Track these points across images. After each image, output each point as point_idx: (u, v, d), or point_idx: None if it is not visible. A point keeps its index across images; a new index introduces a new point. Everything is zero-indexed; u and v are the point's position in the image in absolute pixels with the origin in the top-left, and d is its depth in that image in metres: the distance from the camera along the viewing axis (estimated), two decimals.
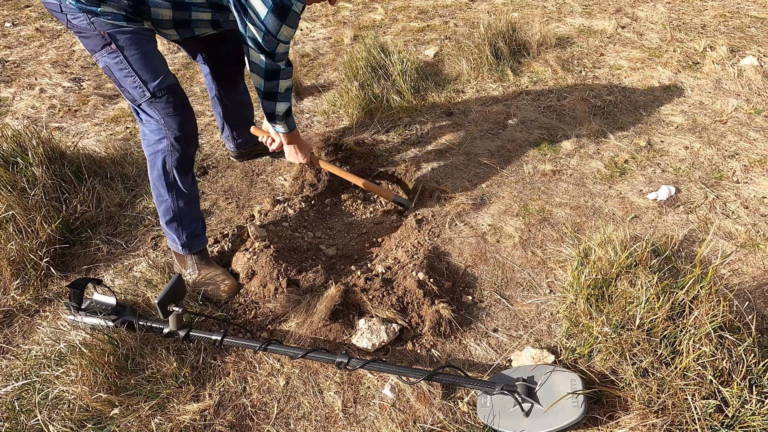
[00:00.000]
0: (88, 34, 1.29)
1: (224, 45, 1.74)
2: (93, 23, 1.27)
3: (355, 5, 3.75)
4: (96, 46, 1.31)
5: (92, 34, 1.29)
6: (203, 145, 2.30)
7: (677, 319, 1.23)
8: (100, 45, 1.31)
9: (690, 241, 1.69)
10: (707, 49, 2.84)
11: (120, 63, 1.32)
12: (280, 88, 1.48)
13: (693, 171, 2.01)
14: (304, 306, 1.47)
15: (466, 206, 1.88)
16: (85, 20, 1.26)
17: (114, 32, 1.29)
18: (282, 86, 1.48)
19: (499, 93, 2.58)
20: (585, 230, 1.76)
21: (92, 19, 1.26)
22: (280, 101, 1.52)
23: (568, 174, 2.03)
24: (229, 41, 1.72)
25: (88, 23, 1.27)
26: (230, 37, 1.70)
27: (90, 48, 1.33)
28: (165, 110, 1.39)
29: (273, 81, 1.45)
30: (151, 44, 1.38)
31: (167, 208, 1.52)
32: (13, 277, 1.59)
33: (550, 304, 1.52)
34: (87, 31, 1.29)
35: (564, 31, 3.17)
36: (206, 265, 1.58)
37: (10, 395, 1.27)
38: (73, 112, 2.60)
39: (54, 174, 1.84)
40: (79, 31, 1.30)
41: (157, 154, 1.45)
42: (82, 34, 1.31)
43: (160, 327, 1.37)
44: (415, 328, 1.44)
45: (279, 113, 1.56)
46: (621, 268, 1.37)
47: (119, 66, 1.33)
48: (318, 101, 2.60)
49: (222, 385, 1.33)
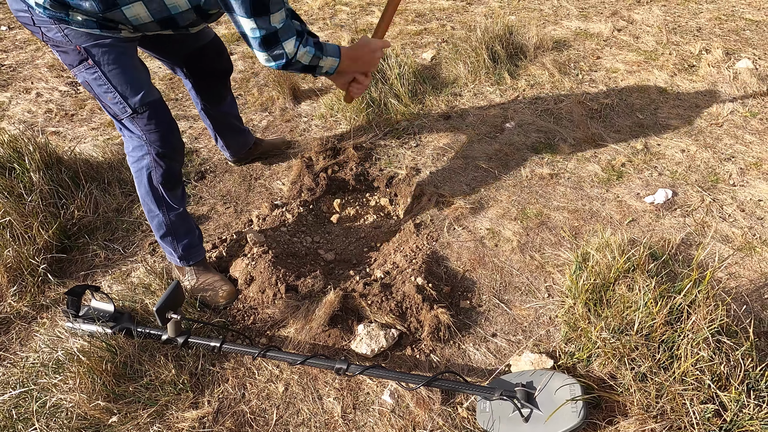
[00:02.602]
0: (65, 48, 1.23)
1: (203, 59, 1.65)
2: (67, 35, 1.20)
3: (353, 8, 3.75)
4: (73, 61, 1.25)
5: (69, 49, 1.22)
6: (201, 150, 2.29)
7: (675, 324, 1.24)
8: (77, 60, 1.24)
9: (687, 245, 1.70)
10: (703, 52, 2.86)
11: (98, 79, 1.26)
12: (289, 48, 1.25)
13: (689, 174, 2.02)
14: (303, 312, 1.47)
15: (464, 210, 1.88)
16: (59, 32, 1.19)
17: (90, 46, 1.22)
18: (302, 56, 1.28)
19: (497, 96, 2.59)
20: (583, 234, 1.76)
21: (65, 30, 1.19)
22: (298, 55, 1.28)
23: (565, 177, 2.03)
24: (209, 54, 1.64)
25: (62, 36, 1.20)
26: (210, 50, 1.63)
27: (68, 63, 1.27)
28: (147, 126, 1.34)
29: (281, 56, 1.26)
30: (131, 57, 1.31)
31: (159, 223, 1.49)
32: (10, 284, 1.59)
33: (549, 308, 1.52)
34: (63, 45, 1.22)
35: (560, 35, 3.18)
36: (204, 272, 1.58)
37: (8, 403, 1.26)
38: (70, 116, 2.59)
39: (51, 179, 1.83)
40: (56, 45, 1.23)
41: (141, 171, 1.41)
42: (59, 48, 1.24)
43: (158, 334, 1.36)
44: (414, 333, 1.44)
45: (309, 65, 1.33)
46: (619, 272, 1.37)
47: (98, 82, 1.27)
48: (316, 105, 2.60)
49: (221, 391, 1.33)
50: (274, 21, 1.17)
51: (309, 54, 1.29)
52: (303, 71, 1.35)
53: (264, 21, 1.16)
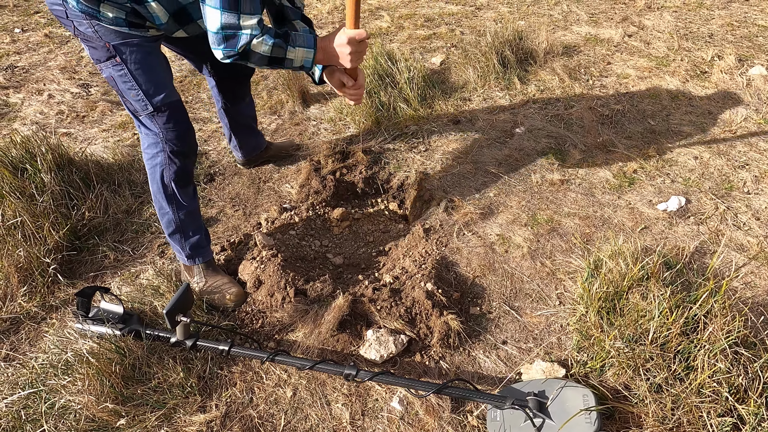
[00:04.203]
0: (95, 44, 1.28)
1: None
2: (97, 32, 1.25)
3: (362, 13, 3.76)
4: (101, 56, 1.30)
5: (98, 45, 1.28)
6: (210, 152, 2.30)
7: (691, 334, 1.21)
8: (105, 56, 1.29)
9: (701, 253, 1.67)
10: (715, 58, 2.83)
11: (124, 76, 1.31)
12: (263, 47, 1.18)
13: (703, 181, 1.99)
14: (312, 316, 1.46)
15: (473, 215, 1.87)
16: (90, 28, 1.25)
17: (119, 44, 1.27)
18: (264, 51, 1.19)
19: (506, 101, 2.57)
20: (594, 241, 1.74)
21: (96, 26, 1.24)
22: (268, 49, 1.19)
23: (576, 183, 2.01)
24: None
25: (92, 31, 1.25)
26: None
27: (95, 58, 1.32)
28: (165, 125, 1.38)
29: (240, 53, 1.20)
30: (157, 57, 1.36)
31: (169, 221, 1.51)
32: (20, 284, 1.59)
33: (560, 316, 1.50)
34: (93, 41, 1.27)
35: (570, 40, 3.17)
36: (213, 274, 1.57)
37: (17, 404, 1.26)
38: (81, 117, 2.61)
39: (62, 180, 1.84)
40: (86, 39, 1.29)
41: (155, 167, 1.44)
42: (89, 43, 1.30)
43: (167, 336, 1.36)
44: (424, 339, 1.42)
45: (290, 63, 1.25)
46: (633, 280, 1.35)
47: (123, 78, 1.32)
48: (325, 108, 2.60)
49: (229, 395, 1.32)
50: (243, 23, 1.13)
51: (266, 44, 1.18)
52: (271, 64, 1.23)
53: (231, 17, 1.11)
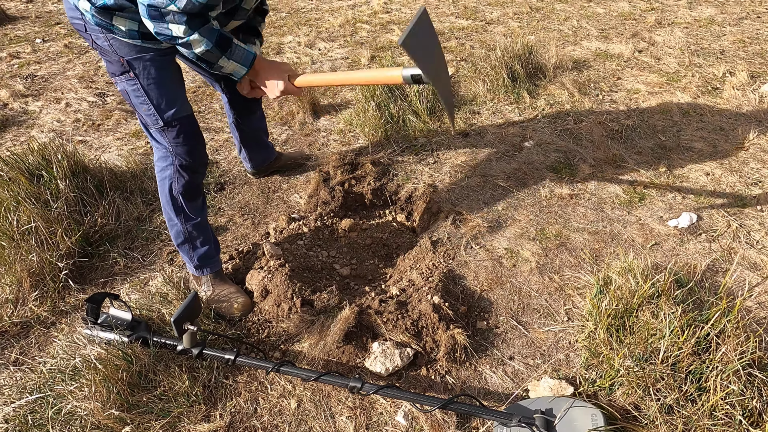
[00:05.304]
0: (110, 58, 1.31)
1: None
2: (113, 45, 1.27)
3: (373, 26, 3.82)
4: (116, 70, 1.33)
5: (113, 59, 1.30)
6: (221, 162, 2.33)
7: (703, 354, 1.19)
8: (119, 70, 1.32)
9: (713, 271, 1.65)
10: (727, 74, 2.82)
11: (137, 90, 1.33)
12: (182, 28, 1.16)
13: (715, 198, 1.97)
14: (318, 327, 1.46)
15: (482, 229, 1.86)
16: (106, 41, 1.27)
17: (132, 59, 1.29)
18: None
19: (515, 115, 2.58)
20: (604, 257, 1.72)
21: (111, 40, 1.27)
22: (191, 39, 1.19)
23: (585, 198, 2.00)
24: None
25: (108, 45, 1.28)
26: None
27: (111, 71, 1.35)
28: (175, 139, 1.40)
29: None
30: (169, 71, 1.37)
31: (178, 232, 1.53)
32: (32, 289, 1.61)
33: (568, 332, 1.48)
34: (109, 54, 1.30)
35: (580, 55, 3.18)
36: (220, 283, 1.58)
37: (24, 409, 1.27)
38: (97, 126, 2.66)
39: (76, 187, 1.87)
40: (103, 53, 1.32)
41: (165, 180, 1.46)
42: (105, 57, 1.33)
43: (173, 344, 1.37)
44: (430, 353, 1.41)
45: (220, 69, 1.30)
46: (643, 298, 1.33)
47: (136, 93, 1.34)
48: (335, 120, 2.63)
49: (233, 405, 1.32)
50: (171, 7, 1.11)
51: (203, 46, 1.20)
52: (199, 60, 1.27)
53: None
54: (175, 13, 1.13)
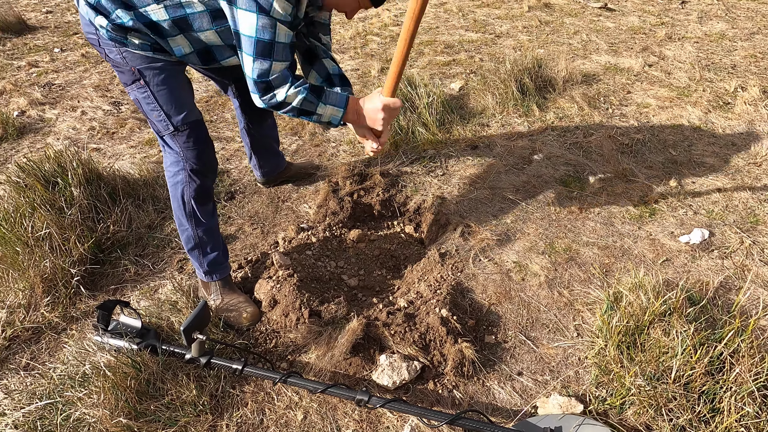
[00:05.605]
0: (122, 69, 1.35)
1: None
2: (125, 57, 1.32)
3: (383, 39, 3.86)
4: (128, 80, 1.37)
5: (125, 69, 1.35)
6: (232, 171, 2.36)
7: (716, 374, 1.17)
8: (131, 80, 1.37)
9: (726, 288, 1.62)
10: (738, 89, 2.81)
11: (147, 98, 1.38)
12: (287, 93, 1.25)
13: (727, 214, 1.95)
14: (326, 338, 1.45)
15: (490, 242, 1.86)
16: (119, 54, 1.31)
17: (143, 68, 1.34)
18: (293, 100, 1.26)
19: (525, 128, 2.59)
20: (614, 272, 1.71)
21: (124, 52, 1.31)
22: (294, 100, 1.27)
23: (595, 212, 1.99)
24: None
25: (121, 57, 1.32)
26: None
27: (123, 81, 1.40)
28: (185, 144, 1.44)
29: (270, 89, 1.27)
30: (178, 79, 1.41)
31: (188, 237, 1.55)
32: (44, 294, 1.63)
33: (578, 348, 1.46)
34: (121, 66, 1.35)
35: (590, 68, 3.19)
36: (229, 292, 1.59)
37: (33, 414, 1.28)
38: (111, 134, 2.71)
39: (90, 195, 1.90)
40: (115, 65, 1.36)
41: (176, 185, 1.49)
42: (118, 68, 1.37)
43: (182, 352, 1.37)
44: (437, 366, 1.40)
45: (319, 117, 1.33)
46: (654, 315, 1.32)
47: (147, 100, 1.38)
48: (345, 130, 2.65)
49: (240, 416, 1.32)
50: (274, 69, 1.22)
51: (300, 96, 1.26)
52: (299, 115, 1.31)
53: (264, 63, 1.21)
54: (277, 76, 1.23)
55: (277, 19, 1.16)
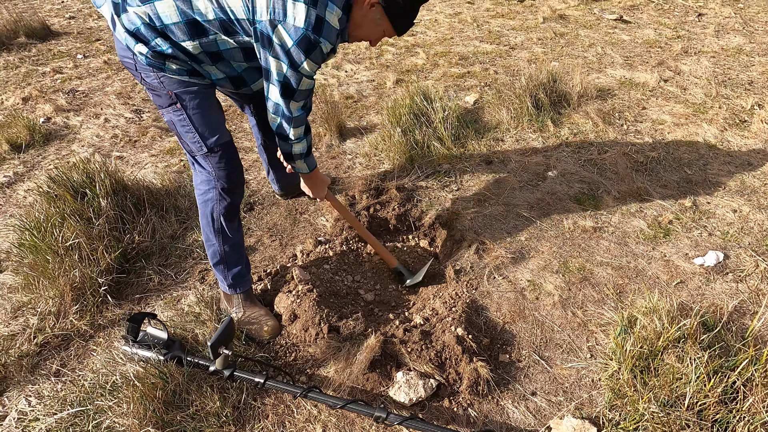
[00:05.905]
0: (159, 93, 1.41)
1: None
2: (162, 82, 1.38)
3: (398, 49, 3.90)
4: (164, 103, 1.43)
5: (162, 93, 1.40)
6: (250, 182, 2.41)
7: (730, 403, 1.19)
8: (167, 103, 1.42)
9: (740, 313, 1.63)
10: (755, 106, 2.80)
11: (183, 120, 1.43)
12: (293, 132, 1.46)
13: (742, 236, 1.95)
14: (344, 354, 1.50)
15: (504, 259, 1.89)
16: (156, 79, 1.37)
17: (180, 92, 1.40)
18: (295, 132, 1.46)
19: (539, 144, 2.61)
20: (627, 293, 1.73)
21: (161, 77, 1.37)
22: (296, 142, 1.50)
23: (609, 232, 2.01)
24: None
25: (158, 82, 1.38)
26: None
27: (158, 104, 1.45)
28: (218, 164, 1.49)
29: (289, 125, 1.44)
30: (211, 101, 1.49)
31: (214, 252, 1.60)
32: (73, 302, 1.70)
33: (591, 370, 1.49)
34: (158, 90, 1.40)
35: (605, 83, 3.20)
36: (251, 305, 1.64)
37: (65, 421, 1.34)
38: (133, 142, 2.79)
39: (117, 205, 1.97)
40: (152, 89, 1.41)
41: (207, 203, 1.54)
42: (154, 92, 1.42)
43: (206, 364, 1.42)
44: (453, 385, 1.44)
45: (295, 154, 1.54)
46: (668, 341, 1.34)
47: (182, 122, 1.44)
48: (360, 143, 2.70)
49: (261, 427, 1.36)
50: (292, 107, 1.39)
51: (301, 148, 1.51)
52: (286, 155, 1.54)
53: (285, 101, 1.37)
54: (295, 118, 1.41)
55: (303, 75, 1.31)
